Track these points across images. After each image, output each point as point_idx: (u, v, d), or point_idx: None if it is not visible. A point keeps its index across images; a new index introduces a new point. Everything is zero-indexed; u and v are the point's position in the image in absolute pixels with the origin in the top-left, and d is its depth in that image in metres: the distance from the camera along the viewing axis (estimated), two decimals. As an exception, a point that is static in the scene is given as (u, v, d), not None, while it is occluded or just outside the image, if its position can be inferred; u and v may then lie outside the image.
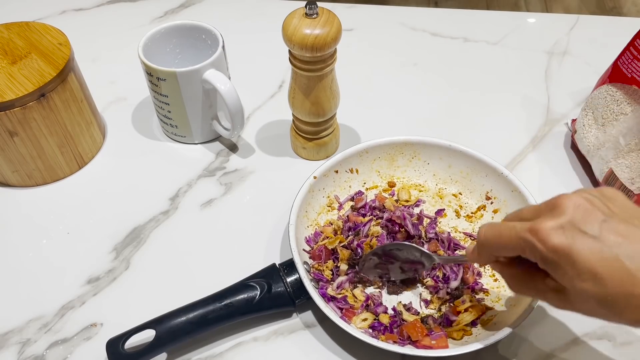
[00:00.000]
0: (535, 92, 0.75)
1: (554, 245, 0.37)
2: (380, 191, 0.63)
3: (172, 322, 0.49)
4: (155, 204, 0.63)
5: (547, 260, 0.37)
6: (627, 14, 2.07)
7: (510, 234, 0.40)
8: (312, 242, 0.58)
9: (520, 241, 0.39)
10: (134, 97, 0.75)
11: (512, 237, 0.39)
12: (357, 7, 0.89)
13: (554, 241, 0.37)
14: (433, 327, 0.51)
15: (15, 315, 0.55)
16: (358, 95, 0.74)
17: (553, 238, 0.37)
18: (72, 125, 0.63)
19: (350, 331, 0.48)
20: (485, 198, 0.60)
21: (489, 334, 0.48)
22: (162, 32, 0.65)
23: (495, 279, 0.55)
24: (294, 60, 0.57)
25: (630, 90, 0.59)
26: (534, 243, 0.38)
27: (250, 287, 0.52)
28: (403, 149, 0.63)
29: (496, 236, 0.41)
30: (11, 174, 0.63)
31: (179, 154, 0.69)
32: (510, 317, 0.49)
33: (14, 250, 0.60)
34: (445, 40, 0.84)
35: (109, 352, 0.48)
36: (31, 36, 0.63)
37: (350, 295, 0.54)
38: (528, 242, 0.38)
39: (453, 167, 0.62)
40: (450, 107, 0.74)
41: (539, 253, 0.38)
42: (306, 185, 0.58)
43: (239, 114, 0.62)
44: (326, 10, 0.55)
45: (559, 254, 0.37)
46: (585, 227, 0.37)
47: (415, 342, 0.50)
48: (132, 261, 0.59)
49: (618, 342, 0.52)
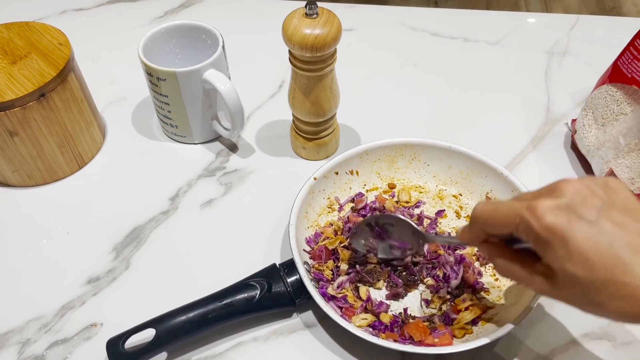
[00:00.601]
0: (535, 92, 0.76)
1: (548, 224, 0.37)
2: (380, 193, 0.63)
3: (172, 322, 0.49)
4: (155, 204, 0.63)
5: (539, 239, 0.37)
6: (627, 14, 2.07)
7: (507, 210, 0.40)
8: (313, 242, 0.58)
9: (516, 218, 0.39)
10: (134, 97, 0.75)
11: (509, 214, 0.39)
12: (357, 7, 0.89)
13: (550, 220, 0.37)
14: (438, 325, 0.51)
15: (15, 315, 0.55)
16: (358, 95, 0.74)
17: (549, 217, 0.37)
18: (72, 125, 0.63)
19: (350, 329, 0.48)
20: (486, 199, 0.60)
21: (490, 332, 0.48)
22: (162, 32, 0.65)
23: (496, 278, 0.55)
24: (294, 60, 0.57)
25: (630, 90, 0.59)
26: (529, 220, 0.37)
27: (250, 287, 0.52)
28: (403, 150, 0.62)
29: (493, 211, 0.41)
30: (11, 174, 0.63)
31: (179, 154, 0.69)
32: (511, 316, 0.49)
33: (14, 250, 0.60)
34: (445, 40, 0.84)
35: (109, 352, 0.48)
36: (31, 36, 0.63)
37: (351, 295, 0.54)
38: (524, 219, 0.38)
39: (453, 168, 0.62)
40: (450, 107, 0.74)
41: (533, 231, 0.37)
42: (306, 186, 0.58)
43: (239, 114, 0.62)
44: (326, 10, 0.55)
45: (553, 233, 0.37)
46: (583, 211, 0.37)
47: (418, 342, 0.49)
48: (132, 261, 0.59)
49: (618, 342, 0.52)
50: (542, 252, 0.38)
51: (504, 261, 0.43)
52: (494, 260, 0.44)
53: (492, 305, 0.53)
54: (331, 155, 0.68)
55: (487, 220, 0.42)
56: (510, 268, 0.43)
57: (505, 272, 0.44)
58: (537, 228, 0.37)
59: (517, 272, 0.42)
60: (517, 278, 0.43)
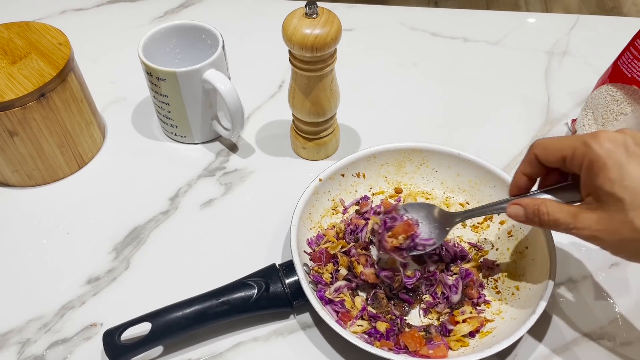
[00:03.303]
0: (535, 92, 0.75)
1: (609, 147, 0.41)
2: (386, 197, 0.62)
3: (168, 317, 0.50)
4: (155, 204, 0.63)
5: (596, 161, 0.41)
6: (627, 14, 2.07)
7: (571, 138, 0.44)
8: (314, 244, 0.57)
9: (576, 141, 0.42)
10: (134, 97, 0.75)
11: (572, 139, 0.43)
12: (357, 7, 0.89)
13: (610, 144, 0.41)
14: (434, 336, 0.50)
15: (15, 315, 0.55)
16: (358, 95, 0.74)
17: (610, 142, 0.41)
18: (72, 125, 0.63)
19: (344, 335, 0.47)
20: None
21: (486, 347, 0.47)
22: (162, 32, 0.65)
23: (498, 291, 0.55)
24: (294, 60, 0.57)
25: (630, 90, 0.59)
26: (590, 142, 0.41)
27: (248, 286, 0.52)
28: (411, 155, 0.62)
29: (556, 140, 0.45)
30: (11, 174, 0.63)
31: (179, 154, 0.69)
32: (510, 330, 0.48)
33: (14, 250, 0.60)
34: (445, 40, 0.84)
35: (105, 343, 0.49)
36: (31, 36, 0.63)
37: (349, 300, 0.53)
38: (584, 141, 0.42)
39: (462, 176, 0.61)
40: (450, 107, 0.74)
41: (593, 153, 0.41)
42: (311, 187, 0.58)
43: (239, 114, 0.62)
44: (326, 10, 0.55)
45: (611, 155, 0.40)
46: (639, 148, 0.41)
47: (413, 352, 0.49)
48: (132, 261, 0.59)
49: (618, 342, 0.52)
50: (594, 173, 0.41)
51: (540, 204, 0.45)
52: (525, 209, 0.46)
53: (492, 319, 0.52)
54: (331, 155, 0.68)
55: (547, 145, 0.45)
56: (550, 208, 0.44)
57: (541, 215, 0.45)
58: (598, 149, 0.41)
59: (558, 212, 0.44)
60: (557, 218, 0.44)
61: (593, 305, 0.54)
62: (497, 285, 0.55)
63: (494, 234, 0.59)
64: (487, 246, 0.58)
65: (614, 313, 0.54)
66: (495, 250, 0.58)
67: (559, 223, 0.44)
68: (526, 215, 0.46)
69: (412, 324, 0.52)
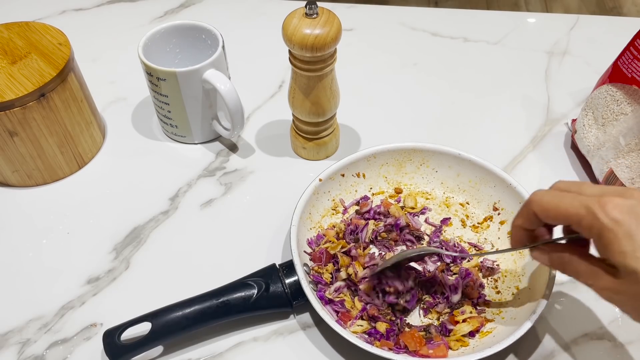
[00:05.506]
0: (535, 92, 0.75)
1: (619, 219, 0.38)
2: (386, 197, 0.62)
3: (168, 317, 0.50)
4: (155, 204, 0.63)
5: (605, 232, 0.38)
6: (627, 14, 2.07)
7: (572, 201, 0.40)
8: (314, 244, 0.57)
9: (582, 209, 0.39)
10: (134, 97, 0.75)
11: (574, 205, 0.40)
12: (357, 7, 0.89)
13: (620, 214, 0.38)
14: (434, 336, 0.50)
15: (15, 315, 0.55)
16: (358, 96, 0.74)
17: (619, 212, 0.38)
18: (72, 125, 0.63)
19: (344, 335, 0.47)
20: (493, 209, 0.60)
21: (486, 346, 0.47)
22: (162, 32, 0.65)
23: (498, 291, 0.55)
24: (294, 60, 0.57)
25: (630, 90, 0.59)
26: (597, 213, 0.38)
27: (248, 286, 0.52)
28: (411, 155, 0.62)
29: (556, 199, 0.41)
30: (11, 174, 0.63)
31: (179, 154, 0.69)
32: (510, 330, 0.48)
33: (14, 250, 0.60)
34: (445, 40, 0.84)
35: (105, 343, 0.49)
36: (31, 36, 0.63)
37: (349, 300, 0.53)
38: (591, 211, 0.39)
39: (462, 176, 0.61)
40: (449, 107, 0.74)
41: (600, 224, 0.38)
42: (311, 187, 0.58)
43: (239, 114, 0.62)
44: (326, 10, 0.55)
45: (621, 226, 0.38)
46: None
47: (413, 352, 0.49)
48: (132, 261, 0.59)
49: (618, 342, 0.52)
50: (604, 245, 0.39)
51: (562, 255, 0.43)
52: (549, 255, 0.44)
53: (492, 319, 0.52)
54: (331, 155, 0.68)
55: (548, 207, 0.42)
56: (572, 260, 0.43)
57: (564, 265, 0.44)
58: (606, 221, 0.38)
59: (579, 265, 0.42)
60: (578, 271, 0.43)
61: (593, 305, 0.54)
62: (497, 285, 0.55)
63: (494, 234, 0.59)
64: (487, 246, 0.58)
65: (614, 313, 0.54)
66: (496, 250, 0.58)
67: (579, 278, 0.43)
68: (550, 261, 0.45)
69: (412, 324, 0.52)
